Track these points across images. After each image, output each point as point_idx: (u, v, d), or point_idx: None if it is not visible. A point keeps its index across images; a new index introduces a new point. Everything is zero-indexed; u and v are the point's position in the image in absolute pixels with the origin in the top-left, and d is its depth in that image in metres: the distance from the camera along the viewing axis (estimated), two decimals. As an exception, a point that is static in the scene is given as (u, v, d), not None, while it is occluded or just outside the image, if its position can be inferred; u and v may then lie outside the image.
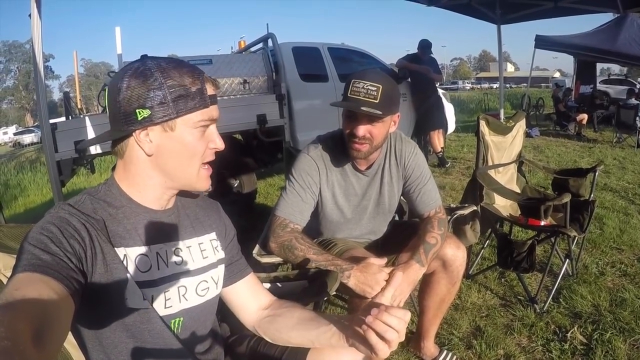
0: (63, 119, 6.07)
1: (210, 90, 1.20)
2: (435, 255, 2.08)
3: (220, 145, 1.26)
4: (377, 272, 1.86)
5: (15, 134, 48.59)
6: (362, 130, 1.97)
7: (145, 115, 1.13)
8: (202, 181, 1.27)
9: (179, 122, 1.16)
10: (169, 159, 1.19)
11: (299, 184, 2.14)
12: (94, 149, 4.36)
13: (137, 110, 1.12)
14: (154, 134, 1.16)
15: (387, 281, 1.84)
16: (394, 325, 1.03)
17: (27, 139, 41.33)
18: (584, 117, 12.28)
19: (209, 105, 1.19)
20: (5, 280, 1.16)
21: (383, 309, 1.05)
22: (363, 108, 1.89)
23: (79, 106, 9.48)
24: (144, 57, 1.19)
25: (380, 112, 1.90)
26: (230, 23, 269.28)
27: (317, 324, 1.33)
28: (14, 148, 39.89)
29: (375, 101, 1.89)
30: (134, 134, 1.15)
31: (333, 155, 2.19)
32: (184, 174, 1.23)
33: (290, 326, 1.40)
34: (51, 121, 4.12)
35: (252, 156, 6.41)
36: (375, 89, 1.89)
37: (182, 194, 1.36)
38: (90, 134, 4.24)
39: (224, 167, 5.73)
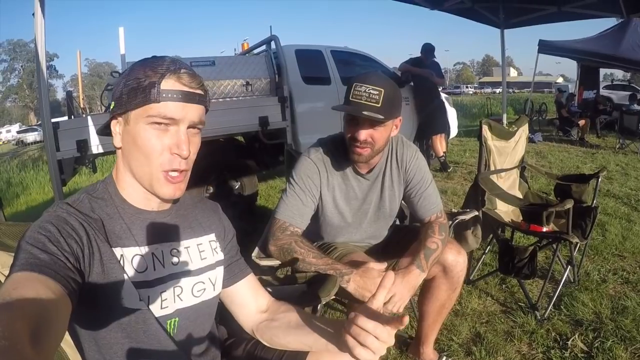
0: (66, 118, 6.09)
1: (171, 85, 1.13)
2: (435, 261, 2.06)
3: (182, 152, 1.16)
4: (376, 277, 1.85)
5: (18, 132, 48.63)
6: (363, 134, 1.95)
7: (112, 107, 1.18)
8: (161, 186, 1.19)
9: (132, 115, 1.15)
10: (128, 154, 1.19)
11: (299, 187, 2.13)
12: (96, 148, 4.37)
13: (111, 102, 1.19)
14: (119, 126, 1.19)
15: (379, 283, 1.83)
16: (369, 329, 1.00)
17: (30, 137, 41.40)
18: (583, 121, 12.29)
19: (160, 101, 1.11)
20: (3, 279, 1.15)
21: (357, 314, 1.03)
22: (365, 112, 1.88)
23: (82, 106, 9.50)
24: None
25: (382, 117, 1.89)
26: (234, 25, 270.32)
27: (314, 329, 1.32)
28: (17, 146, 39.98)
29: (377, 105, 1.88)
30: (111, 123, 1.20)
31: (334, 158, 2.18)
32: (142, 172, 1.18)
33: (287, 331, 1.39)
34: (53, 120, 4.13)
35: (254, 158, 6.42)
36: (377, 92, 1.88)
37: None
38: (93, 133, 4.26)
39: (226, 169, 5.75)
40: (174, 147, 1.15)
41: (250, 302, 1.51)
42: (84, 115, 6.14)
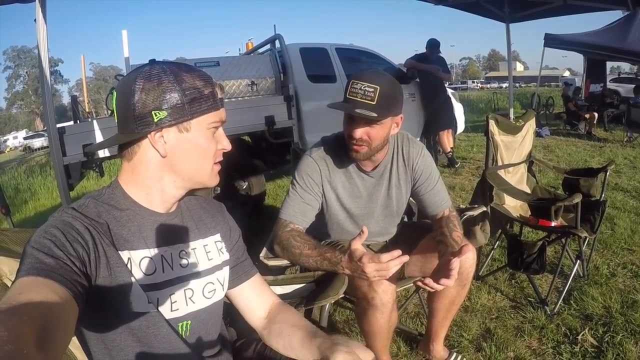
0: (72, 122, 6.10)
1: (220, 94, 1.25)
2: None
3: (227, 146, 1.30)
4: (361, 260, 1.69)
5: (25, 139, 48.94)
6: (359, 132, 1.96)
7: (162, 117, 1.15)
8: (214, 178, 1.30)
9: (193, 123, 1.19)
10: (184, 160, 1.21)
11: (300, 186, 2.14)
12: (103, 152, 4.39)
13: (153, 112, 1.14)
14: (169, 135, 1.18)
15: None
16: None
17: (37, 143, 41.63)
18: (590, 115, 12.25)
19: (220, 108, 1.24)
20: (10, 285, 1.16)
21: None
22: (357, 110, 1.88)
23: (88, 110, 9.52)
24: (153, 62, 1.21)
25: (375, 115, 1.88)
26: (238, 25, 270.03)
27: (310, 349, 1.28)
28: (24, 152, 40.22)
29: (372, 103, 1.87)
30: (149, 135, 1.16)
31: (337, 156, 2.18)
32: (198, 172, 1.25)
33: (289, 347, 1.37)
34: (59, 125, 4.16)
35: (261, 158, 6.42)
36: (373, 90, 1.87)
37: (186, 196, 1.36)
38: (99, 137, 4.26)
39: (233, 169, 5.75)
40: (221, 144, 1.29)
41: (257, 304, 1.51)
42: (89, 120, 6.15)
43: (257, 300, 1.50)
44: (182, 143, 1.19)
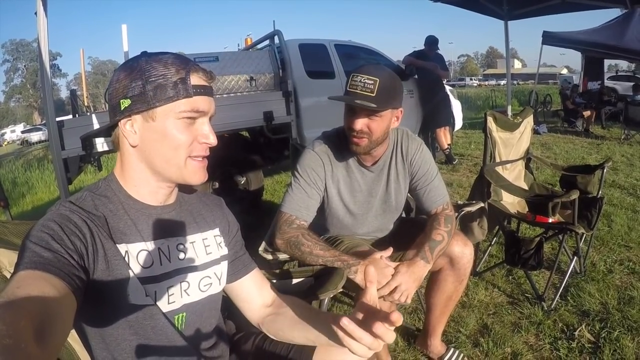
0: (70, 116, 6.09)
1: (196, 80, 1.17)
2: (441, 253, 2.07)
3: (212, 141, 1.22)
4: (384, 267, 1.87)
5: (23, 132, 48.84)
6: (359, 124, 1.97)
7: (127, 105, 1.15)
8: (192, 174, 1.23)
9: (159, 112, 1.15)
10: (152, 150, 1.19)
11: (304, 180, 2.14)
12: (101, 146, 4.37)
13: (120, 101, 1.15)
14: (137, 125, 1.17)
15: (393, 276, 1.88)
16: (356, 336, 0.94)
17: (35, 137, 41.61)
18: (588, 112, 12.27)
19: (193, 96, 1.16)
20: (9, 277, 1.16)
21: (349, 320, 0.94)
22: (357, 101, 1.90)
23: (86, 104, 9.49)
24: (143, 53, 1.21)
25: (375, 106, 1.89)
26: (237, 20, 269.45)
27: (317, 324, 1.33)
28: (22, 146, 40.14)
29: (371, 95, 1.89)
30: (119, 124, 1.17)
31: (338, 151, 2.19)
32: (169, 165, 1.20)
33: (292, 326, 1.40)
34: (58, 119, 4.13)
35: (259, 153, 6.40)
36: (372, 82, 1.89)
37: (185, 190, 1.37)
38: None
39: (231, 164, 5.75)
40: (202, 137, 1.21)
41: (256, 297, 1.51)
42: (88, 114, 6.14)
43: (256, 294, 1.51)
44: (148, 133, 1.17)
